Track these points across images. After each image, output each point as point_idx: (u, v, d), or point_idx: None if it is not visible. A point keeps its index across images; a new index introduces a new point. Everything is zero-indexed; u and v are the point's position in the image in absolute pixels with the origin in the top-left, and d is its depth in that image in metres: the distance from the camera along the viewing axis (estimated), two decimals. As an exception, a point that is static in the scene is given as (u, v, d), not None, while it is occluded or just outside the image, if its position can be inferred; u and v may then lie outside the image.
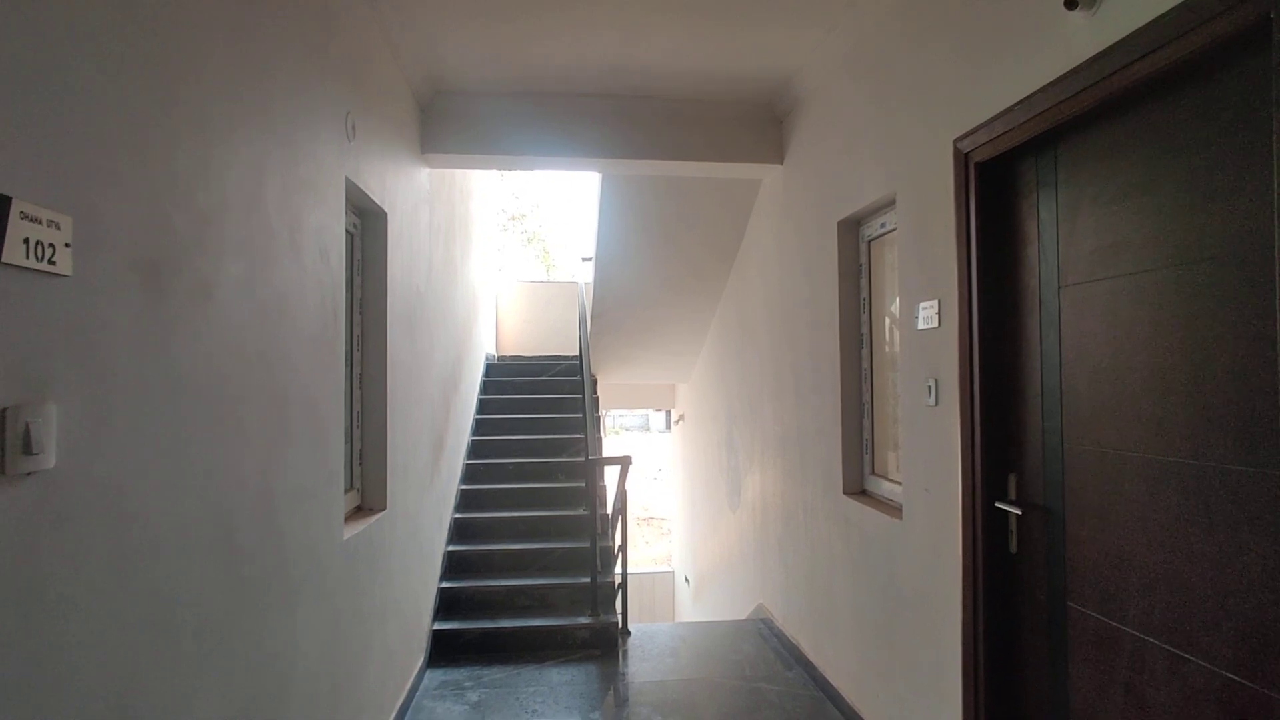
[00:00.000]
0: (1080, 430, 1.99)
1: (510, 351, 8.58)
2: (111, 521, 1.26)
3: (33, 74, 1.08)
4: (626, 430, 30.32)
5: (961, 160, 2.39)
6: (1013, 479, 2.26)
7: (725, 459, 5.99)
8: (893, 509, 2.99)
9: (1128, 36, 1.68)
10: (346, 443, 3.11)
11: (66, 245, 1.15)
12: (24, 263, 1.05)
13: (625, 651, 4.28)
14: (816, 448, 3.73)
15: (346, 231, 3.06)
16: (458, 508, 5.24)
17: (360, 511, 3.14)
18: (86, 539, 1.19)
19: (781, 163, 4.22)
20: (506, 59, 3.58)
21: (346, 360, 3.10)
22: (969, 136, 2.33)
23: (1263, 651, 1.47)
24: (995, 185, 2.33)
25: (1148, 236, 1.76)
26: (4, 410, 1.02)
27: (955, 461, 2.43)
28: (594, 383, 7.01)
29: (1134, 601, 1.80)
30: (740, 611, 5.43)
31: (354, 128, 2.72)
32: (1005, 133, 2.16)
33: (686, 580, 8.07)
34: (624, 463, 4.63)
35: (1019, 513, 2.20)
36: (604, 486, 5.50)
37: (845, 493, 3.39)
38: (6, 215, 1.02)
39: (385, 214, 3.27)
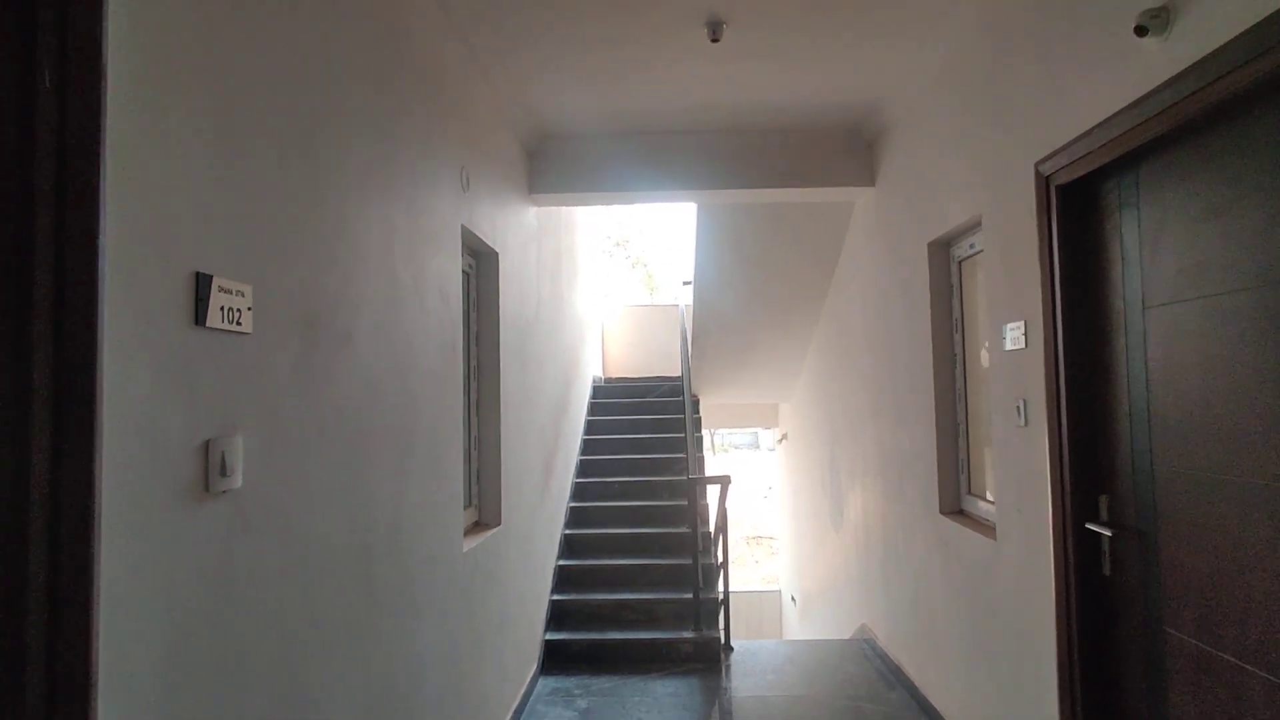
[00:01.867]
0: (1171, 452, 1.98)
1: (617, 374, 8.88)
2: (280, 532, 1.54)
3: (223, 174, 1.38)
4: (736, 449, 30.24)
5: (1043, 183, 2.42)
6: (1104, 500, 2.25)
7: (828, 478, 5.99)
8: (988, 529, 2.98)
9: (1201, 60, 1.70)
10: (465, 464, 3.42)
11: (249, 309, 1.44)
12: (220, 325, 1.35)
13: (728, 666, 4.38)
14: (914, 467, 3.73)
15: (463, 272, 3.39)
16: (567, 524, 5.52)
17: (478, 527, 3.44)
18: (263, 545, 1.48)
19: (873, 185, 4.27)
20: (602, 104, 3.84)
21: (465, 390, 3.42)
22: (1050, 159, 2.36)
23: (1355, 678, 1.45)
24: (1077, 207, 2.34)
25: (1232, 257, 1.76)
26: (208, 441, 1.31)
27: (1045, 482, 2.43)
28: (696, 402, 7.17)
29: (1230, 628, 1.78)
30: (844, 631, 5.41)
31: (468, 179, 3.04)
32: (1085, 155, 2.18)
33: (793, 599, 8.04)
34: (723, 482, 4.76)
35: (1110, 534, 2.18)
36: (705, 505, 5.63)
37: (942, 513, 3.38)
38: (210, 290, 1.31)
39: (497, 254, 3.58)
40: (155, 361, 1.18)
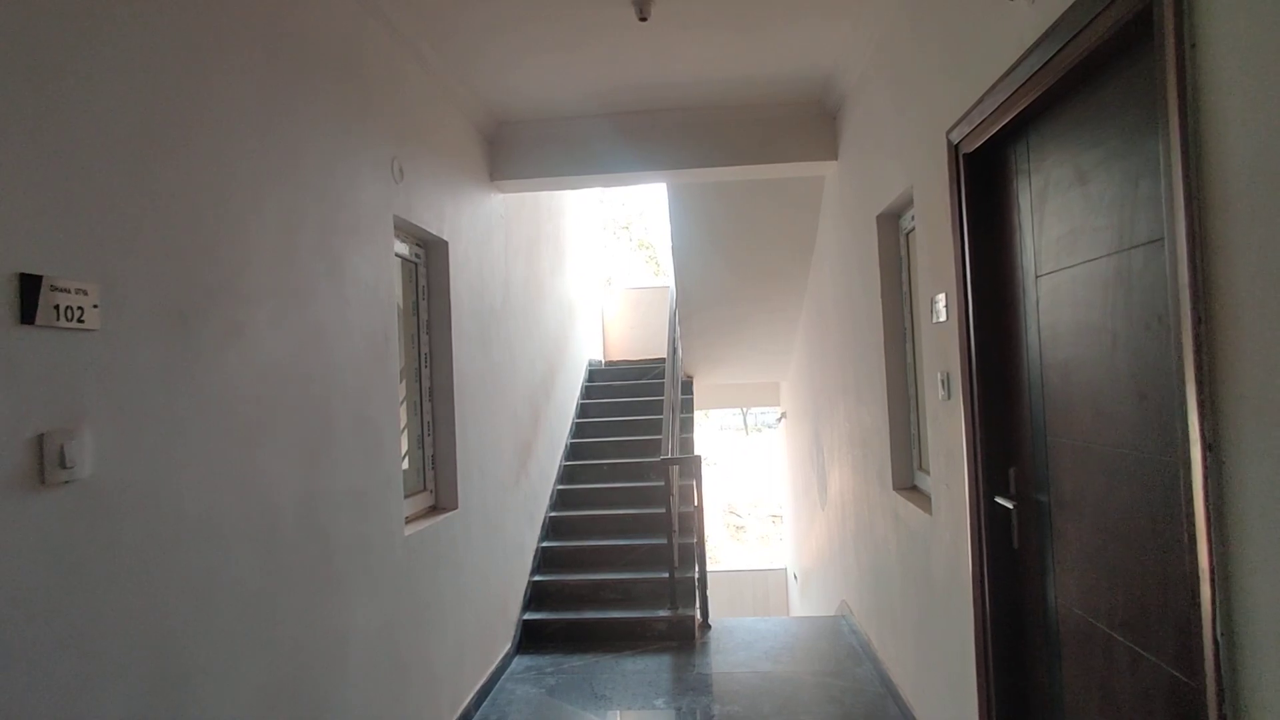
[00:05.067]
0: (1056, 422, 1.95)
1: (618, 357, 8.91)
2: (143, 516, 1.61)
3: (55, 177, 1.44)
4: (769, 428, 30.06)
5: (953, 151, 2.37)
6: (1012, 472, 2.22)
7: (815, 457, 5.97)
8: (928, 503, 2.96)
9: (1060, 18, 1.65)
10: (419, 449, 3.49)
11: (95, 306, 1.50)
12: (56, 324, 1.41)
13: (703, 644, 4.42)
14: (872, 443, 3.71)
15: (409, 260, 3.44)
16: (553, 506, 5.59)
17: (434, 510, 3.51)
18: (121, 529, 1.55)
19: (836, 159, 4.21)
20: (550, 87, 3.85)
21: (416, 376, 3.48)
22: (956, 127, 2.31)
23: (1191, 646, 1.42)
24: (984, 176, 2.29)
25: (1095, 223, 1.72)
26: (41, 435, 1.37)
27: (964, 456, 2.41)
28: (686, 382, 7.17)
29: (1103, 597, 1.76)
30: (830, 607, 5.41)
31: (401, 170, 3.08)
32: (982, 122, 2.14)
33: (794, 577, 8.04)
34: (695, 462, 4.77)
35: (1014, 507, 2.16)
36: (691, 485, 5.65)
37: (895, 488, 3.36)
38: (39, 289, 1.37)
39: (447, 243, 3.63)
40: (-34, 359, 1.24)
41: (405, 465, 3.22)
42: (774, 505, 19.49)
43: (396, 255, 3.11)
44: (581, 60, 3.50)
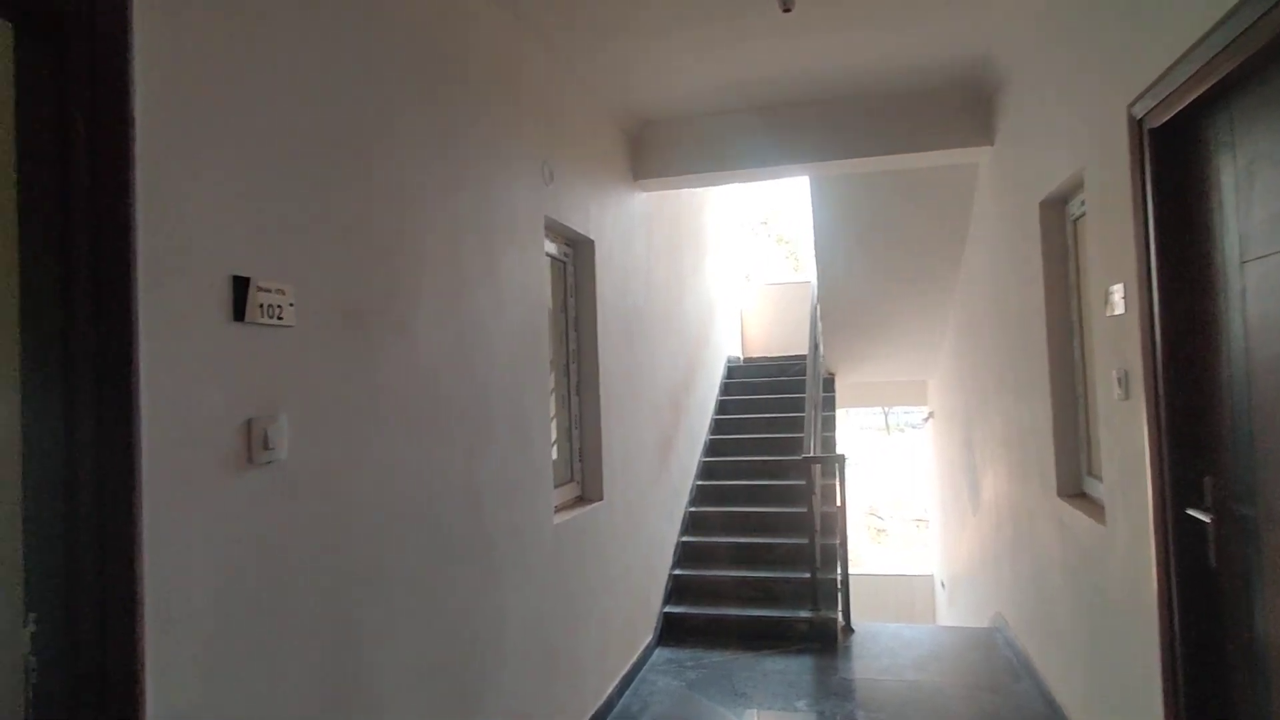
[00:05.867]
0: (1267, 425, 1.73)
1: (756, 353, 8.82)
2: (326, 498, 1.78)
3: (259, 193, 1.62)
4: (912, 428, 28.70)
5: (1135, 127, 2.16)
6: (1208, 482, 2.00)
7: (966, 459, 5.64)
8: (1101, 513, 2.72)
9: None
10: (567, 441, 3.62)
11: (291, 305, 1.68)
12: (261, 320, 1.58)
13: (846, 648, 4.31)
14: (1033, 446, 3.46)
15: (558, 260, 3.58)
16: (692, 501, 5.63)
17: (580, 501, 3.64)
18: (309, 509, 1.72)
19: (992, 144, 3.95)
20: (697, 85, 3.86)
21: (564, 371, 3.62)
22: (1140, 100, 2.11)
23: None
24: (1173, 153, 2.07)
25: (1318, 200, 1.51)
26: (249, 420, 1.55)
27: (1145, 462, 2.20)
28: (828, 380, 6.99)
29: (1326, 625, 1.55)
30: (982, 619, 5.09)
31: (551, 173, 3.21)
32: (1172, 93, 1.94)
33: (942, 585, 7.63)
34: (838, 461, 4.64)
35: (1211, 521, 1.94)
36: (833, 484, 5.51)
37: (1060, 495, 3.12)
38: (247, 290, 1.55)
39: (593, 241, 3.74)
40: (195, 352, 1.42)
41: (554, 457, 3.35)
42: (917, 508, 18.60)
43: (546, 254, 3.24)
44: (725, 56, 3.49)
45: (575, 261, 3.76)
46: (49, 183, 1.20)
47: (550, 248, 3.40)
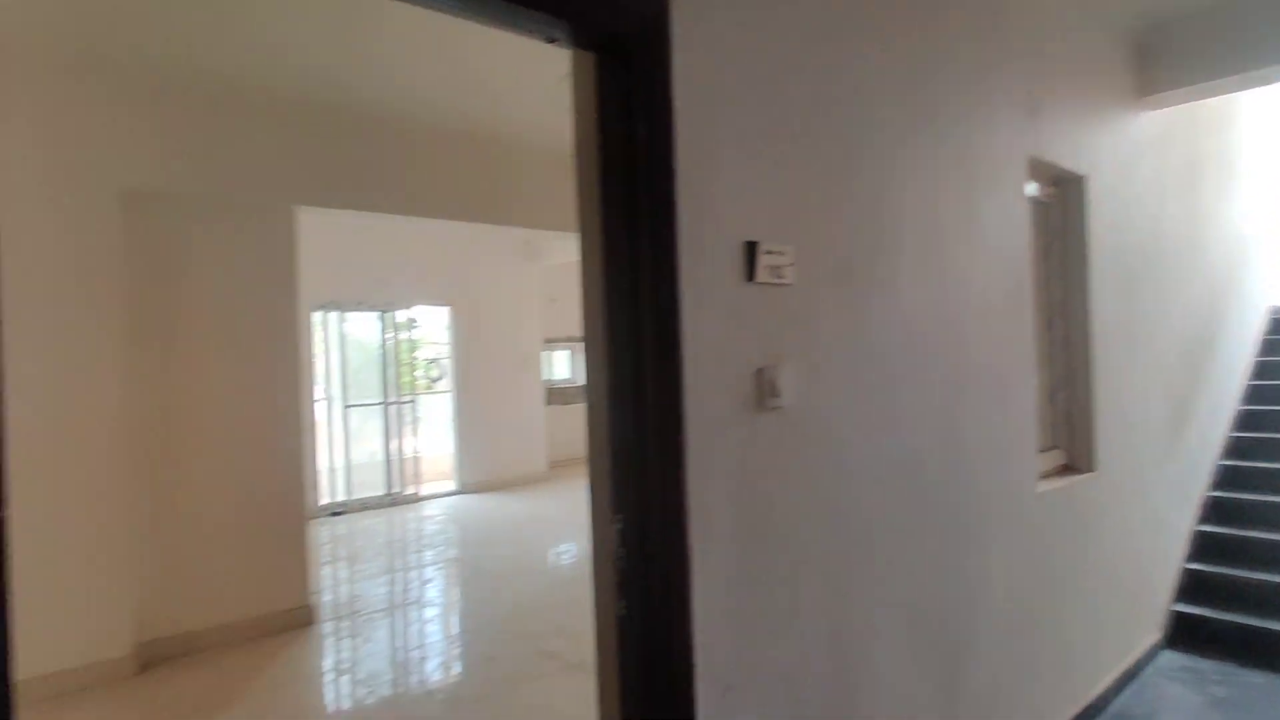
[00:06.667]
0: None
1: (1316, 301, 6.69)
2: (821, 444, 1.92)
3: (763, 171, 1.80)
4: None
5: None
6: None
7: None
8: None
9: None
10: (1050, 403, 3.29)
11: (790, 265, 1.84)
12: (766, 280, 1.77)
13: None
14: None
15: (1041, 202, 3.23)
16: (1215, 485, 4.60)
17: (1066, 470, 3.27)
18: (807, 452, 1.88)
19: None
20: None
21: (1047, 325, 3.28)
22: None
23: None
24: None
25: None
26: (759, 369, 1.76)
27: None
28: None
29: None
30: None
31: (1036, 105, 2.89)
32: None
33: None
34: None
35: None
36: None
37: None
38: (756, 253, 1.75)
39: (1083, 178, 3.28)
40: (717, 310, 1.67)
41: (1035, 418, 3.06)
42: None
43: (1029, 197, 2.95)
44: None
45: (1062, 202, 3.33)
46: (621, 177, 1.52)
47: (1031, 189, 3.08)
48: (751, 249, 1.75)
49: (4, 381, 0.93)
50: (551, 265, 9.49)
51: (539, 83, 3.98)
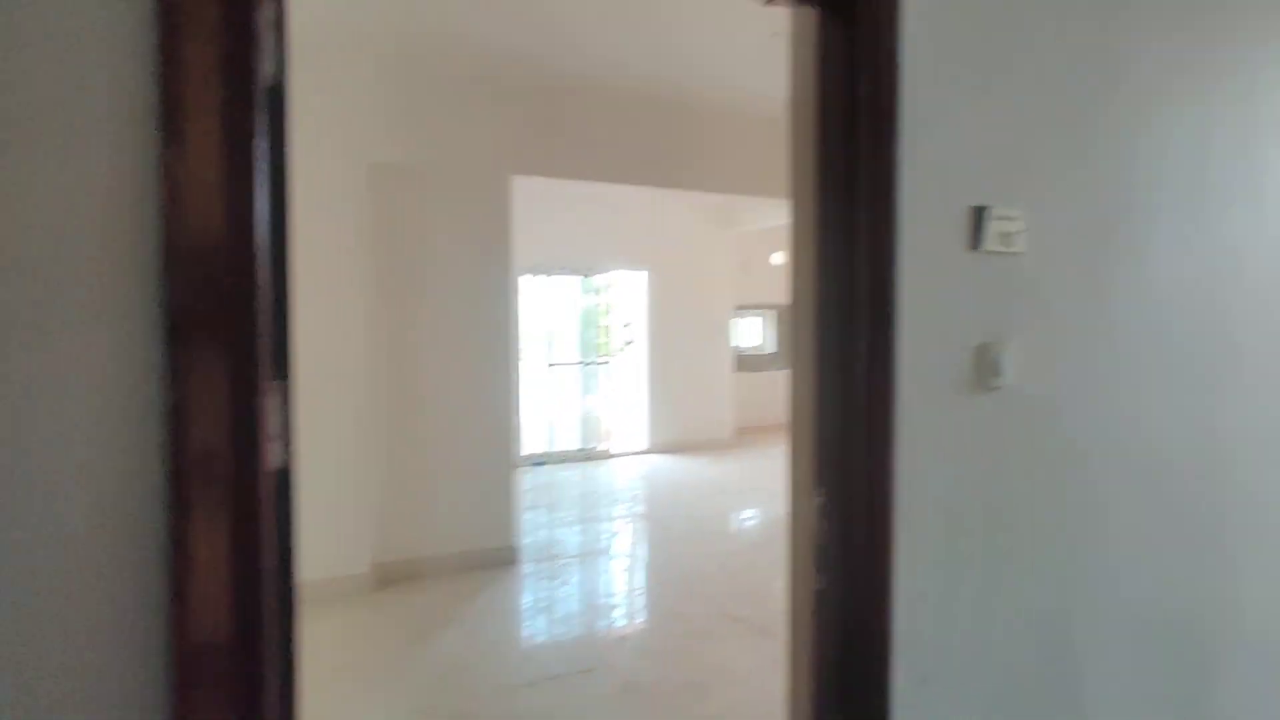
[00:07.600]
0: None
1: None
2: (1048, 429, 1.75)
3: (994, 131, 1.64)
4: None
5: None
6: None
7: None
8: None
9: None
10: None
11: (1022, 232, 1.68)
12: (994, 249, 1.63)
13: None
14: None
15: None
16: None
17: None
18: (1029, 436, 1.72)
19: None
20: None
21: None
22: None
23: None
24: None
25: None
26: (979, 345, 1.63)
27: None
28: None
29: None
30: None
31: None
32: None
33: None
34: None
35: None
36: None
37: None
38: (984, 219, 1.61)
39: None
40: (936, 280, 1.56)
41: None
42: None
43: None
44: None
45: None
46: (839, 138, 1.46)
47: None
48: (979, 214, 1.61)
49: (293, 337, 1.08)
50: (745, 232, 9.40)
51: (736, 49, 4.02)
